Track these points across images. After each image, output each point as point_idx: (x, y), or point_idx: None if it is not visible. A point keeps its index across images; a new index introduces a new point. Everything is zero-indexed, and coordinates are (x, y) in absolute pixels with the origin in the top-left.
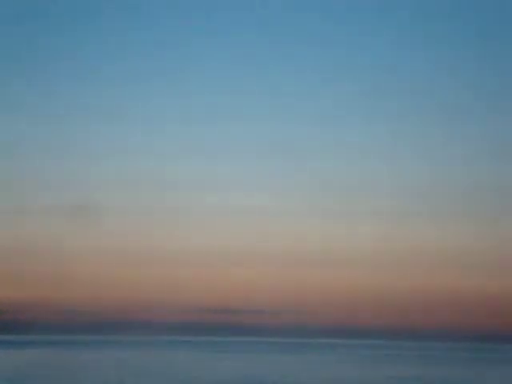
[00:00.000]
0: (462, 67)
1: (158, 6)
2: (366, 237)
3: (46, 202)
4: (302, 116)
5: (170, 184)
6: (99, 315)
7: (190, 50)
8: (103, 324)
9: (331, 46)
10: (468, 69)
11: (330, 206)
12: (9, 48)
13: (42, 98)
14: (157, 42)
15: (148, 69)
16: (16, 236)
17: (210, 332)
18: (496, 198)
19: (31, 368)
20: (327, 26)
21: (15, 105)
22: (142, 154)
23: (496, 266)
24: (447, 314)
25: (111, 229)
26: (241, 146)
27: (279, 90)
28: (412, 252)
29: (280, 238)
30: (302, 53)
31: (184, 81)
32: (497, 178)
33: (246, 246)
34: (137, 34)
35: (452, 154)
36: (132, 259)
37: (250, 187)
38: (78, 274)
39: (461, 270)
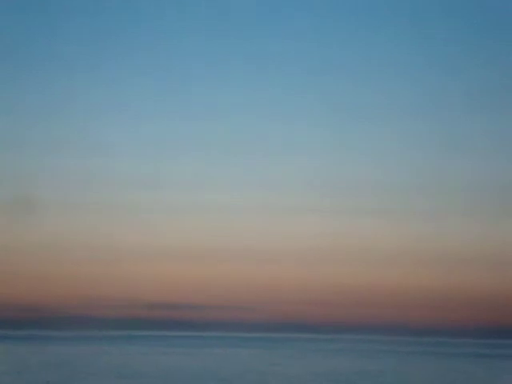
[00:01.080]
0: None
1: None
2: (323, 233)
3: None
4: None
5: (120, 181)
6: (44, 311)
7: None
8: (46, 319)
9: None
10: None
11: (285, 202)
12: None
13: None
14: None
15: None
16: None
17: (155, 327)
18: (495, 196)
19: None
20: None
21: None
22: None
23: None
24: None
25: (54, 225)
26: (189, 144)
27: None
28: (366, 248)
29: (229, 234)
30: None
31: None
32: (497, 176)
33: (194, 242)
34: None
35: (448, 152)
36: (77, 255)
37: (200, 184)
38: (20, 269)
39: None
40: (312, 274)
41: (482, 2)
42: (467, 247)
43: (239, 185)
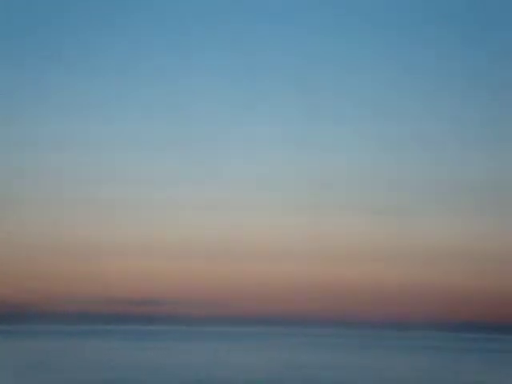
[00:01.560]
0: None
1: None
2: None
3: None
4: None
5: (95, 177)
6: (24, 306)
7: None
8: (25, 314)
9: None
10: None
11: (284, 201)
12: None
13: None
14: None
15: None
16: None
17: (136, 322)
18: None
19: None
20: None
21: None
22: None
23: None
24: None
25: (34, 220)
26: (188, 143)
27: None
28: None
29: (200, 231)
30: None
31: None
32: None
33: (168, 239)
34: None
35: (448, 152)
36: (57, 251)
37: (175, 181)
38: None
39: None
40: (310, 272)
41: (483, 1)
42: (467, 246)
43: (237, 184)
